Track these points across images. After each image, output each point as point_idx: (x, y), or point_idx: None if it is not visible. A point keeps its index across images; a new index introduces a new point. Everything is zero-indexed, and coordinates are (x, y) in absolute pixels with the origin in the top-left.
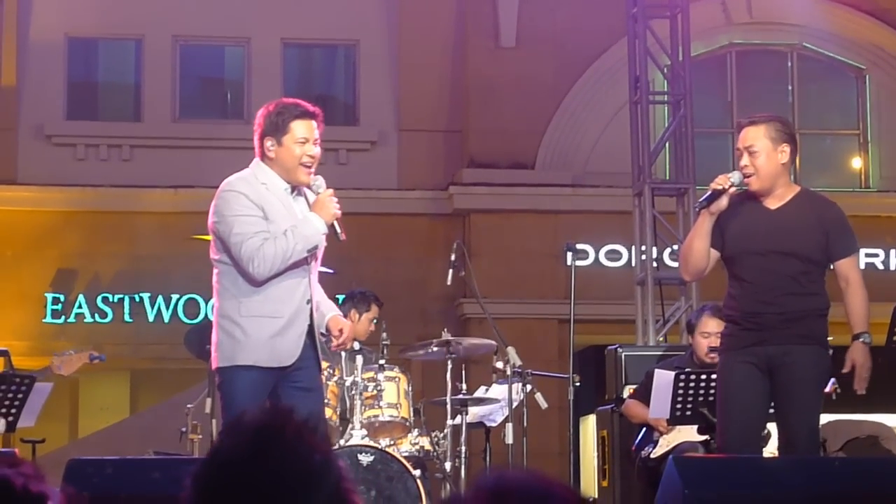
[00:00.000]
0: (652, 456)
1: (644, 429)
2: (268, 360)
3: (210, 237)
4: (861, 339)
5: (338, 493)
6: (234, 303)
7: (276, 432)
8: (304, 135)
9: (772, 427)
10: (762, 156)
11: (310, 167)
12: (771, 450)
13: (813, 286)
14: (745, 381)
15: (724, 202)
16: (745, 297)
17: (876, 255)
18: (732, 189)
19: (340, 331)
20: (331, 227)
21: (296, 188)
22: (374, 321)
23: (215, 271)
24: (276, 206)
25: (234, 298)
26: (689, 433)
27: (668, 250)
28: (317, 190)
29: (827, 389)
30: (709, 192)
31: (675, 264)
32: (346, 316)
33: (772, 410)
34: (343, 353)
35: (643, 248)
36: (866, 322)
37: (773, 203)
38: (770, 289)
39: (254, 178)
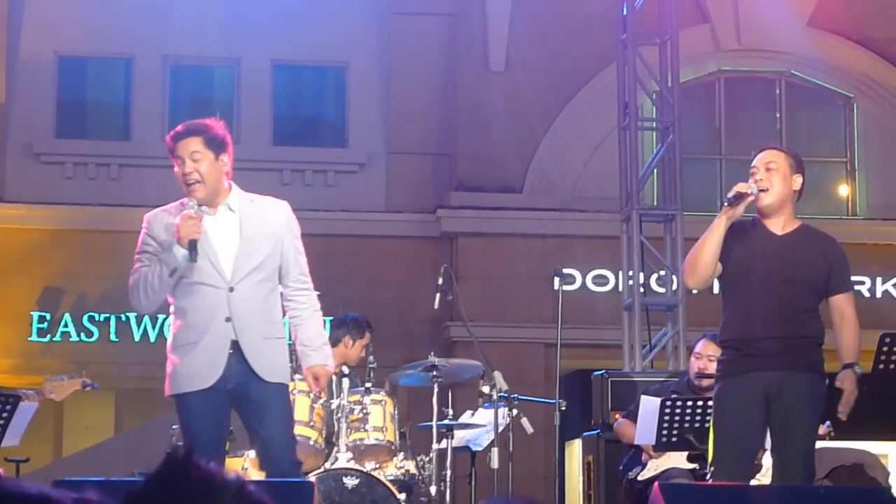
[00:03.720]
0: (640, 478)
1: (632, 450)
2: (191, 384)
3: None
4: (853, 368)
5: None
6: (169, 337)
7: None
8: (179, 154)
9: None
10: (779, 175)
11: (191, 185)
12: (759, 478)
13: (812, 314)
14: (743, 407)
15: (741, 209)
16: (745, 322)
17: (862, 283)
18: (751, 198)
19: (316, 379)
20: (190, 247)
21: (225, 206)
22: (366, 347)
23: None
24: None
25: (170, 332)
26: (678, 459)
27: (654, 276)
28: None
29: (821, 432)
30: (734, 193)
31: (662, 290)
32: (339, 342)
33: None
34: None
35: (630, 273)
36: (858, 354)
37: (778, 229)
38: (772, 314)
39: (178, 206)
